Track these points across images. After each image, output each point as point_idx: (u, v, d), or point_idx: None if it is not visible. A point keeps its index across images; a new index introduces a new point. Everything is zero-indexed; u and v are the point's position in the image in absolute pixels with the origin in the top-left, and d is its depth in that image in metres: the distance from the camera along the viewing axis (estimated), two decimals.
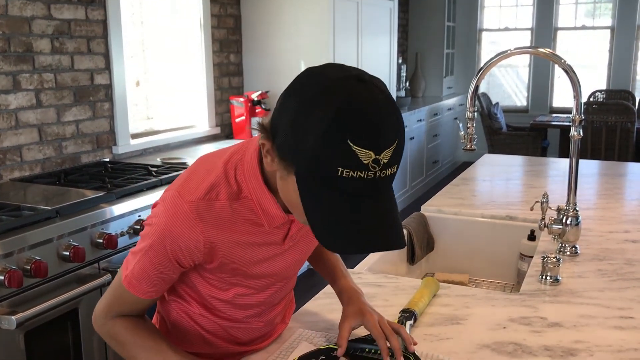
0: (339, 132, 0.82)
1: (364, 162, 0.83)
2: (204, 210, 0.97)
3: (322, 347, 1.13)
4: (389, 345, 1.11)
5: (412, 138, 5.83)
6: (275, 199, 1.00)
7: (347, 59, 4.29)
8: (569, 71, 1.60)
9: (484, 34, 7.79)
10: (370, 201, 0.87)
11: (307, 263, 1.27)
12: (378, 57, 4.87)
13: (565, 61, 1.62)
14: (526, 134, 5.92)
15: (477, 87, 1.64)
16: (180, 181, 1.01)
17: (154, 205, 1.03)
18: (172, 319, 1.17)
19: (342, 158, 0.82)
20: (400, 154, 0.87)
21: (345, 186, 0.84)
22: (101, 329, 1.09)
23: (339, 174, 0.83)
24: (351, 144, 0.82)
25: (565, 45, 7.33)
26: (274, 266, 1.10)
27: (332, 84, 0.85)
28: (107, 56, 3.01)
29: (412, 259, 1.99)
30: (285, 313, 1.28)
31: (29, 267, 1.90)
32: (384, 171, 0.85)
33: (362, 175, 0.83)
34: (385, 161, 0.84)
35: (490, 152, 5.90)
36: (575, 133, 1.64)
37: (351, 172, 0.83)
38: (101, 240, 2.17)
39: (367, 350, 1.14)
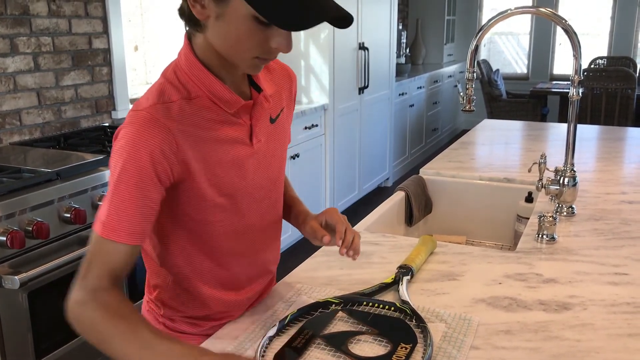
0: None
1: None
2: (162, 112, 0.97)
3: (321, 301, 1.16)
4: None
5: (411, 105, 5.81)
6: (226, 85, 1.02)
7: None
8: (570, 31, 1.60)
9: (485, 1, 7.70)
10: None
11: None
12: (378, 23, 4.83)
13: (566, 21, 1.61)
14: (526, 101, 5.90)
15: (477, 47, 1.64)
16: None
17: (115, 138, 0.99)
18: (157, 292, 1.18)
19: None
20: None
21: None
22: (80, 315, 0.93)
23: None
24: None
25: (568, 13, 7.25)
26: (247, 170, 1.08)
27: None
28: (104, 20, 2.99)
29: (410, 220, 2.01)
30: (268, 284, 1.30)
31: (30, 229, 1.92)
32: None
33: None
34: None
35: (490, 119, 5.89)
36: (574, 93, 1.64)
37: None
38: (102, 203, 2.18)
39: (364, 303, 1.16)
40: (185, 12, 1.00)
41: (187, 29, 1.03)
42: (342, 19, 0.93)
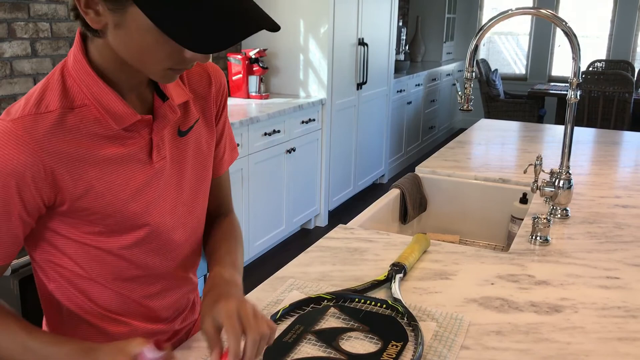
0: None
1: None
2: (31, 127, 0.82)
3: (313, 296, 1.16)
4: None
5: (409, 103, 5.81)
6: (119, 95, 0.88)
7: (347, 20, 4.24)
8: (570, 33, 1.60)
9: (486, 0, 7.70)
10: None
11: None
12: (378, 19, 4.82)
13: (566, 23, 1.61)
14: (523, 102, 5.91)
15: (476, 47, 1.63)
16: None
17: None
18: (64, 311, 1.07)
19: None
20: None
21: None
22: None
23: None
24: None
25: (568, 15, 7.26)
26: (146, 194, 0.93)
27: None
28: None
29: (404, 218, 2.01)
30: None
31: None
32: None
33: None
34: None
35: (487, 119, 5.90)
36: (572, 96, 1.64)
37: None
38: None
39: (356, 300, 1.16)
40: (79, 15, 0.83)
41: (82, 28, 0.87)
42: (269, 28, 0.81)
